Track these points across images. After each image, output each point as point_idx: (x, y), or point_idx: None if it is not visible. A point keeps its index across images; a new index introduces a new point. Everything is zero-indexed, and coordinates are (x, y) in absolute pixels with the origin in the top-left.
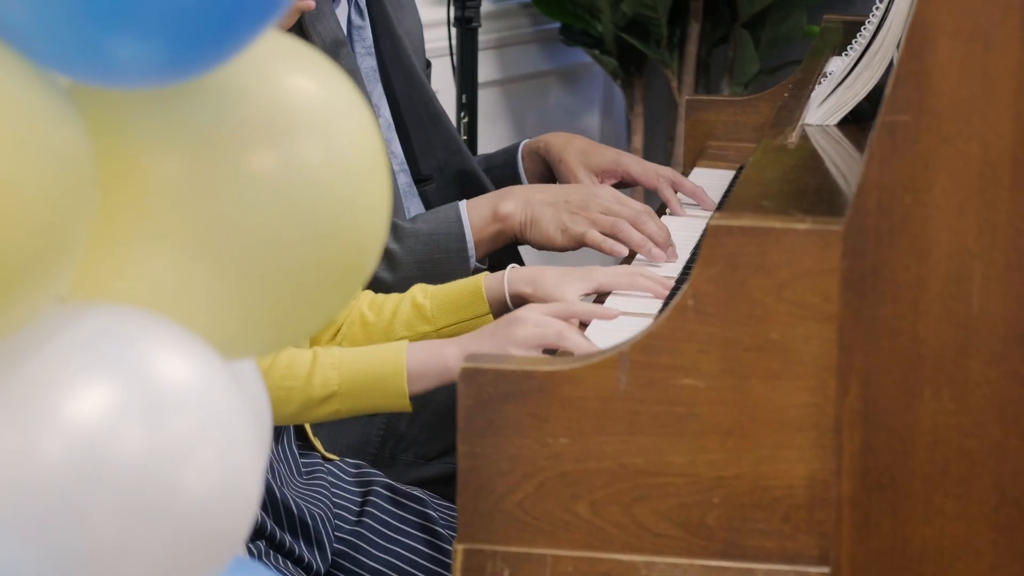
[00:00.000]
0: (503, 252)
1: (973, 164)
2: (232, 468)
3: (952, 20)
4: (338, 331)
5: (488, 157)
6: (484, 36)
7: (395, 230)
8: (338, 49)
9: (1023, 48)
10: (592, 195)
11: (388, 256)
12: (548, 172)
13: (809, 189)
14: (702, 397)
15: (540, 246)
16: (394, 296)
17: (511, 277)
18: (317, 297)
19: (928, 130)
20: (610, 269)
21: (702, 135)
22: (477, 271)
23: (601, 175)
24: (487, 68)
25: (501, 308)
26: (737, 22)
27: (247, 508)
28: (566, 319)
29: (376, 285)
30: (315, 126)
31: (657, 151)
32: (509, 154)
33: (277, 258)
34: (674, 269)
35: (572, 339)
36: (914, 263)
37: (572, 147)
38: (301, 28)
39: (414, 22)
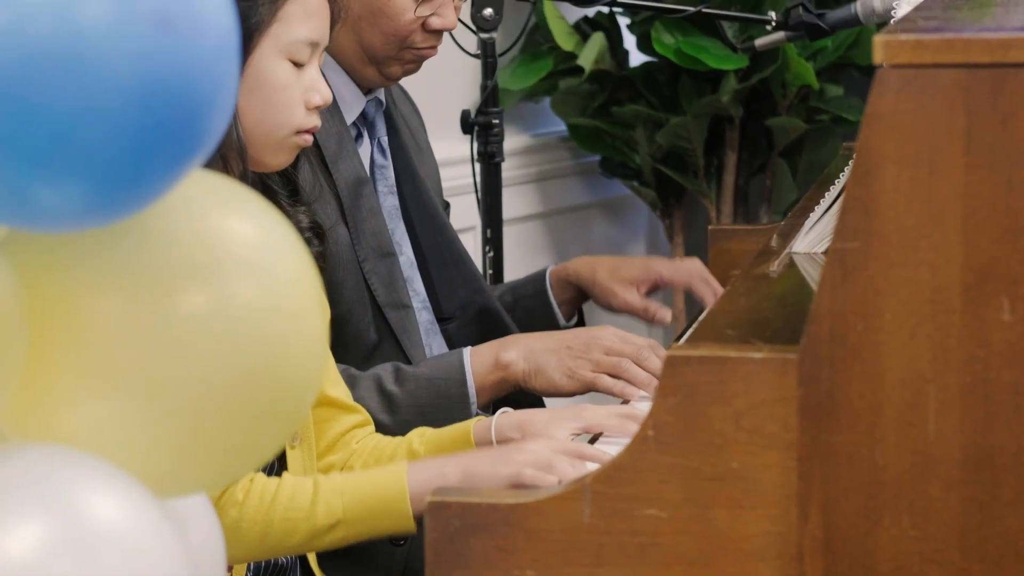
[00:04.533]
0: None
1: (923, 289)
2: None
3: (896, 147)
4: None
5: (515, 288)
6: (525, 170)
7: (397, 372)
8: (360, 188)
9: (968, 173)
10: (593, 338)
11: (388, 398)
12: (579, 297)
13: (778, 317)
14: (665, 527)
15: (546, 393)
16: (395, 441)
17: (499, 423)
18: (252, 436)
19: (877, 256)
20: (600, 410)
21: (727, 264)
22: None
23: (636, 284)
24: (529, 201)
25: None
26: (774, 151)
27: None
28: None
29: (376, 428)
30: (249, 266)
31: None
32: (538, 283)
33: (211, 398)
34: None
35: (562, 468)
36: (869, 390)
37: (602, 267)
38: (323, 167)
39: (432, 165)
